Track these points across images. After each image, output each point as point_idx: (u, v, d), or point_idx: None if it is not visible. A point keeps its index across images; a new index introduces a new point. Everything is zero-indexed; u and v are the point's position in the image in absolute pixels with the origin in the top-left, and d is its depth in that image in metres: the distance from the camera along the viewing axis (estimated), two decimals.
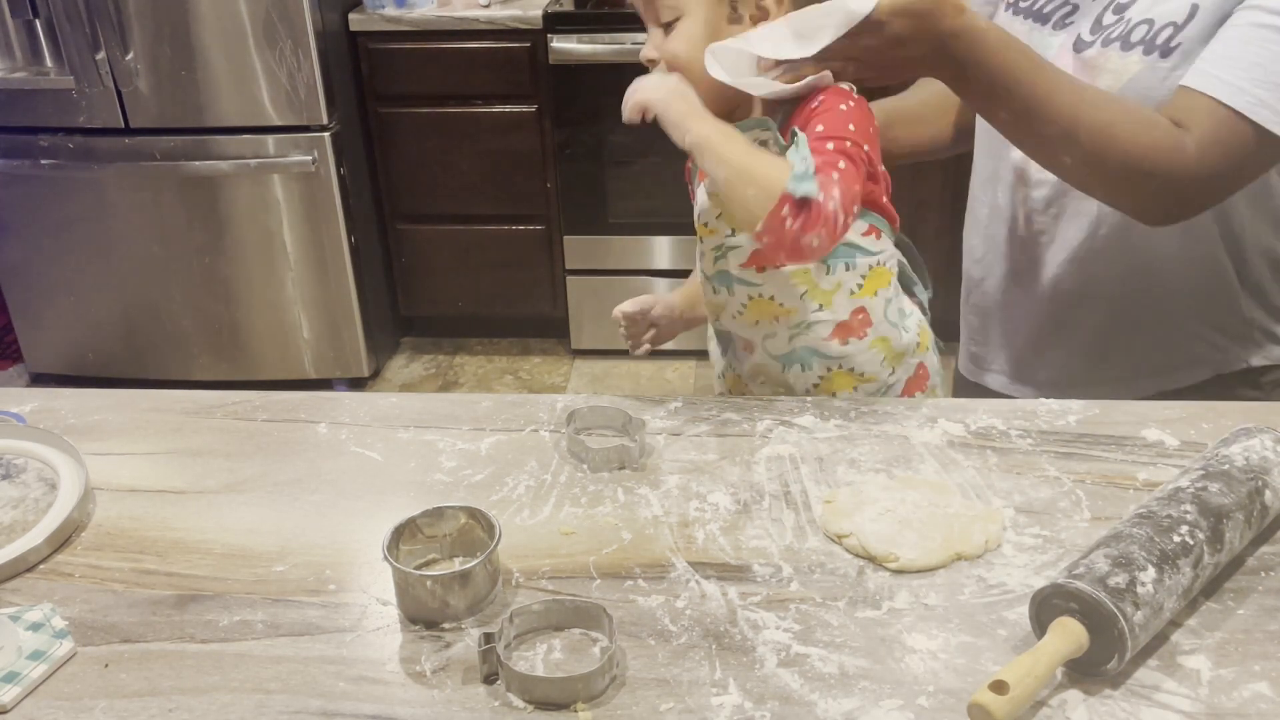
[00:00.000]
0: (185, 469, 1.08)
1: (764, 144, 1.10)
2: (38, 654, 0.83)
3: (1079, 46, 1.17)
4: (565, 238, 3.11)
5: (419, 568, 0.90)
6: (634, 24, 2.87)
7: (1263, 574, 0.89)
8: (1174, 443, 1.06)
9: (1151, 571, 0.79)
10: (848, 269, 1.16)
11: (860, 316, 1.17)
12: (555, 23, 2.86)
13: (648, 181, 3.02)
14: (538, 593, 0.89)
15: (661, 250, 3.09)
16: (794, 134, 1.07)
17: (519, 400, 1.19)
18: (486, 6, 2.91)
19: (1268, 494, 0.90)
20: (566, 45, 2.85)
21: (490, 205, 3.08)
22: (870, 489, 0.99)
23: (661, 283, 3.11)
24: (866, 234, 1.16)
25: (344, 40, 2.88)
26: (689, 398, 1.17)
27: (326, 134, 2.79)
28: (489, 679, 0.80)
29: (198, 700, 0.79)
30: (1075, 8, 1.20)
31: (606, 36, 2.84)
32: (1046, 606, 0.80)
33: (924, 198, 2.82)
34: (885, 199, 1.18)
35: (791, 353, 1.19)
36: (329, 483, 1.05)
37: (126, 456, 1.11)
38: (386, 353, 3.29)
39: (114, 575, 0.93)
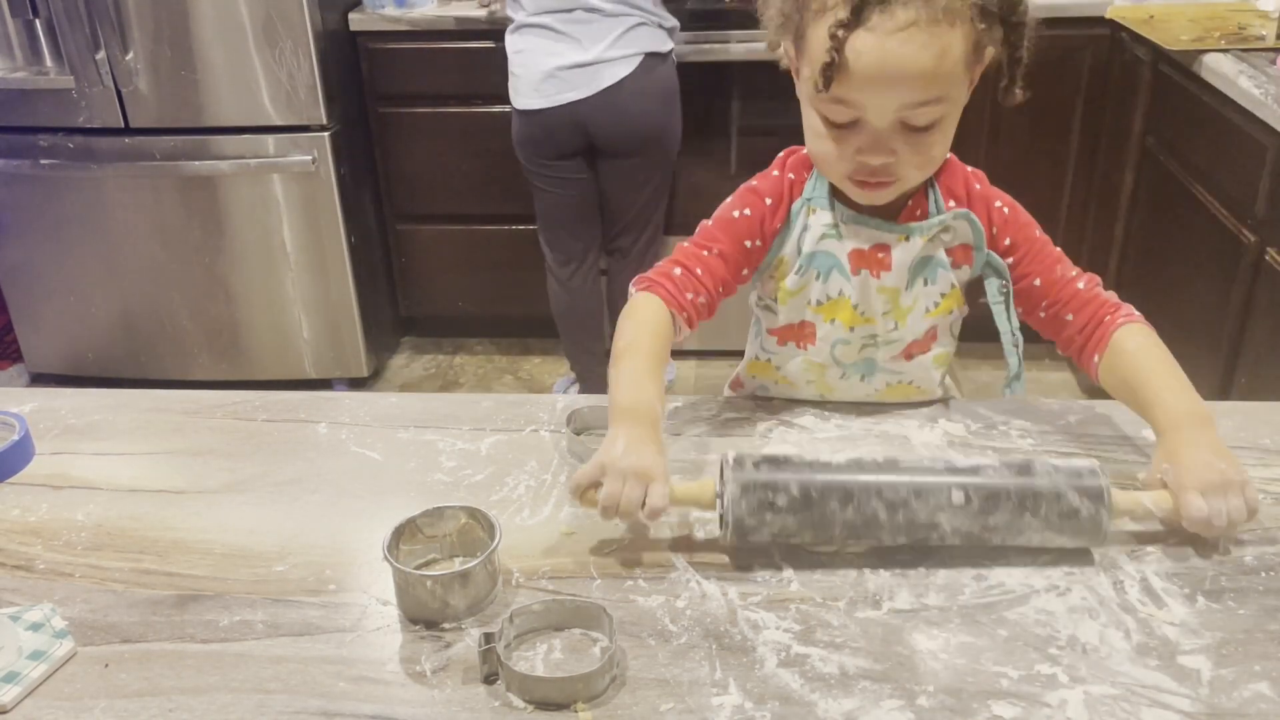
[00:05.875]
0: (185, 469, 1.08)
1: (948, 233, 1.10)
2: (38, 654, 0.83)
3: None
4: None
5: (419, 568, 0.90)
6: None
7: (1263, 574, 0.89)
8: None
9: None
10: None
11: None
12: None
13: None
14: (538, 593, 0.89)
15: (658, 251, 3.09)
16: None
17: (519, 400, 1.19)
18: (486, 8, 2.90)
19: (1035, 464, 0.92)
20: None
21: (490, 205, 3.07)
22: None
23: None
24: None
25: (344, 40, 2.88)
26: (689, 398, 1.17)
27: (326, 134, 2.78)
28: (489, 679, 0.80)
29: (198, 700, 0.79)
30: None
31: None
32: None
33: None
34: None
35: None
36: (329, 483, 1.05)
37: (126, 456, 1.11)
38: (386, 353, 3.29)
39: (114, 575, 0.93)
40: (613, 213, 2.65)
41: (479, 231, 3.14)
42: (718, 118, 2.89)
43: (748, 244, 1.11)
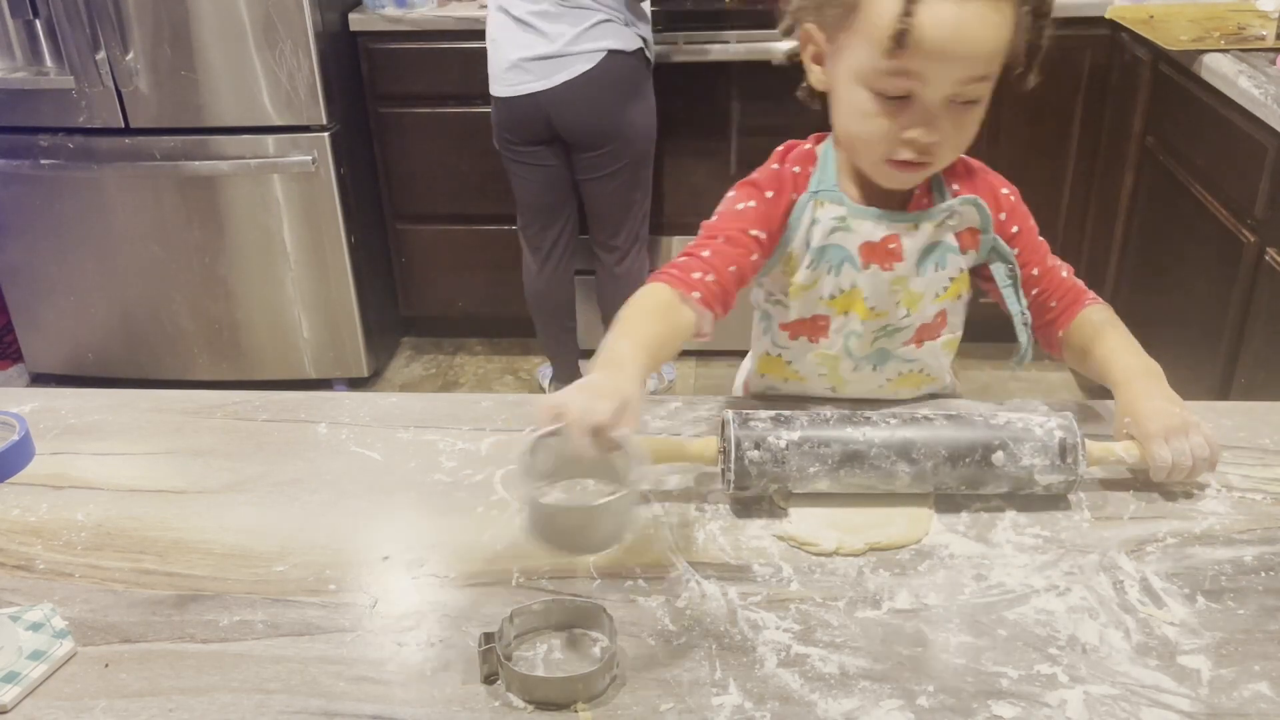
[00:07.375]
0: (185, 469, 1.08)
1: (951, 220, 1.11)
2: (38, 654, 0.83)
3: None
4: None
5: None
6: None
7: (1263, 574, 0.89)
8: None
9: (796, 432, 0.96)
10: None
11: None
12: None
13: None
14: (538, 593, 0.89)
15: (661, 250, 3.09)
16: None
17: (519, 400, 1.19)
18: (485, 7, 2.90)
19: (1000, 454, 0.95)
20: None
21: (490, 205, 3.07)
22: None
23: None
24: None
25: (344, 40, 2.88)
26: (689, 398, 1.17)
27: (326, 134, 2.78)
28: (489, 679, 0.80)
29: (198, 700, 0.79)
30: None
31: None
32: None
33: None
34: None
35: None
36: (329, 483, 1.05)
37: (126, 456, 1.11)
38: (386, 353, 3.29)
39: (114, 575, 0.93)
40: (589, 206, 2.69)
41: (479, 231, 3.13)
42: (718, 118, 2.89)
43: (754, 233, 1.10)
